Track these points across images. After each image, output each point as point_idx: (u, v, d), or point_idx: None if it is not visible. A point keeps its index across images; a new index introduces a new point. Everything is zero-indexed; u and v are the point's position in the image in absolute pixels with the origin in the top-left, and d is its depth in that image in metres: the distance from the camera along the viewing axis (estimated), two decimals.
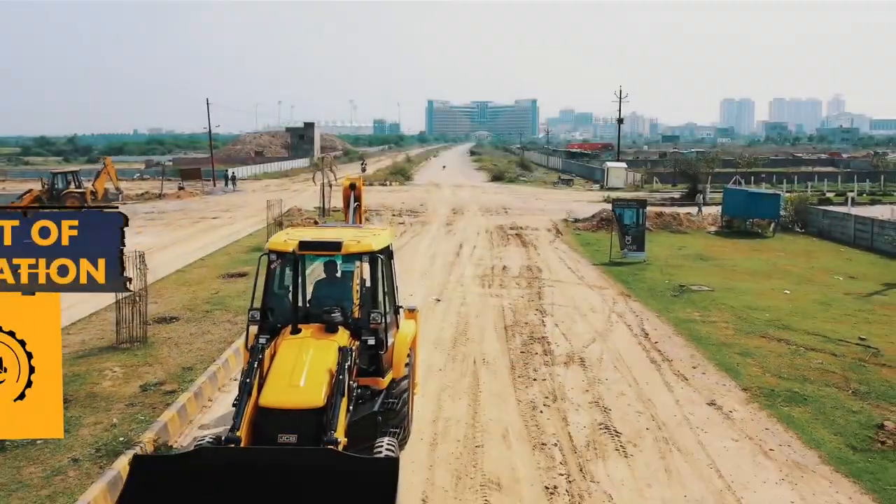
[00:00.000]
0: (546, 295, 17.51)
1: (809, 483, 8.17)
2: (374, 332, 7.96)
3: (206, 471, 5.71)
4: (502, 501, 7.65)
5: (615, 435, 9.38)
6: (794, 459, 8.76)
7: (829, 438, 9.34)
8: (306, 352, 7.24)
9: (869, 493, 7.92)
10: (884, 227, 25.56)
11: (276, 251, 8.18)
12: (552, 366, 12.16)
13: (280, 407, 6.63)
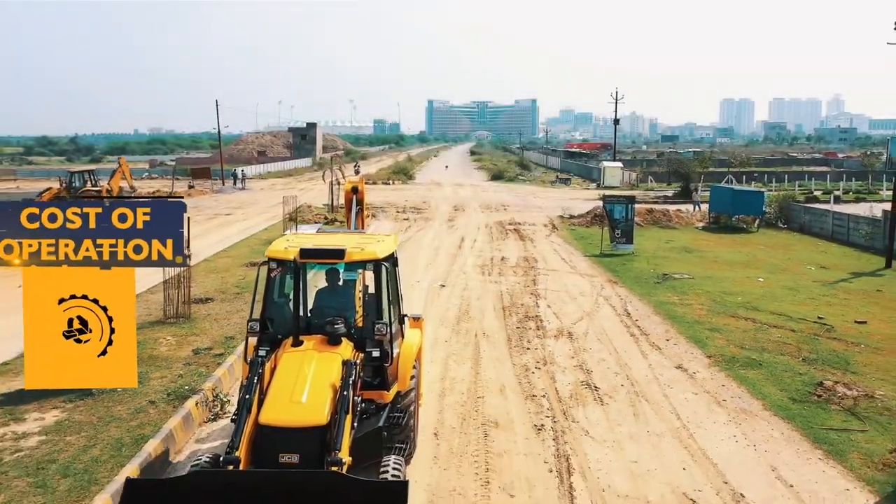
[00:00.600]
0: (540, 282, 19.35)
1: (751, 423, 9.98)
2: (379, 343, 7.66)
3: (202, 495, 5.54)
4: (499, 435, 9.46)
5: (594, 389, 11.20)
6: (741, 407, 10.58)
7: (775, 393, 11.14)
8: (308, 365, 6.96)
9: (798, 430, 9.73)
10: (858, 222, 27.38)
11: (277, 259, 7.91)
12: (544, 338, 13.98)
13: (281, 425, 6.35)
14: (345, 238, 8.66)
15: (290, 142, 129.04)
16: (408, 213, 35.33)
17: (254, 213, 35.79)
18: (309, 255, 7.75)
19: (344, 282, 8.67)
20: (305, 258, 7.72)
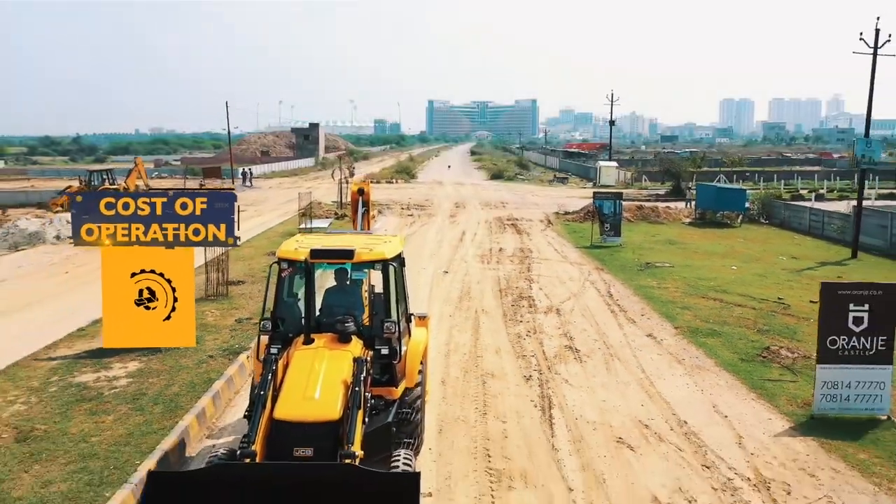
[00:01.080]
0: (534, 269, 21.50)
1: (703, 375, 12.13)
2: (388, 341, 7.89)
3: (223, 487, 5.73)
4: (495, 383, 11.61)
5: (575, 351, 13.35)
6: (697, 364, 12.73)
7: (727, 355, 13.29)
8: (320, 363, 7.17)
9: (740, 380, 11.87)
10: (832, 217, 29.53)
11: (287, 259, 8.09)
12: (535, 314, 16.14)
13: (295, 420, 6.55)
14: (353, 239, 8.96)
15: (293, 142, 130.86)
16: (412, 209, 37.50)
17: (266, 209, 37.95)
18: (319, 256, 7.98)
19: (352, 281, 8.90)
20: (316, 258, 7.96)
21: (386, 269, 8.22)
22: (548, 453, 9.08)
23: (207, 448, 8.67)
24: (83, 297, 17.21)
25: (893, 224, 25.69)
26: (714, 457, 8.99)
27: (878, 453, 9.14)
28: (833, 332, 10.27)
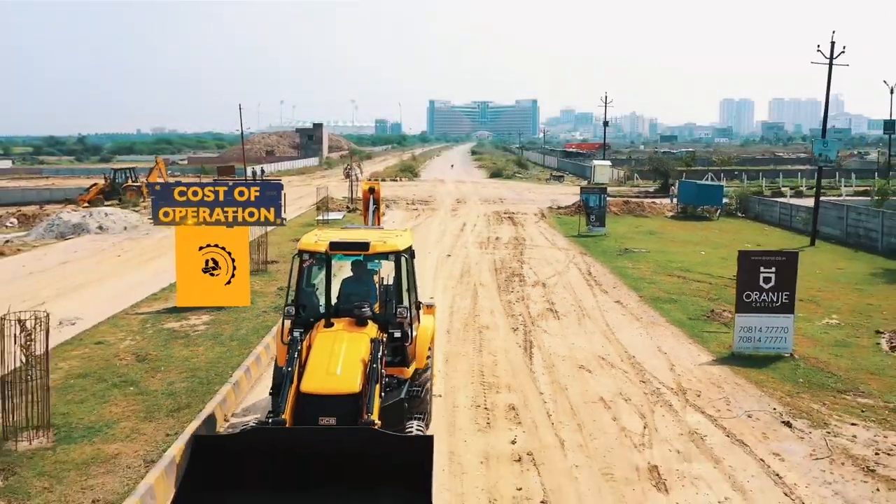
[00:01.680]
0: (526, 253, 24.70)
1: (654, 328, 15.31)
2: (400, 325, 8.59)
3: (260, 448, 6.45)
4: (488, 332, 14.79)
5: (554, 312, 16.54)
6: (652, 321, 15.91)
7: (678, 315, 16.45)
8: (340, 343, 7.87)
9: (684, 331, 15.02)
10: (798, 210, 32.71)
11: (308, 251, 8.86)
12: (524, 287, 19.33)
13: (320, 392, 7.24)
14: (367, 233, 9.78)
15: (296, 142, 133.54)
16: (416, 204, 40.72)
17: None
18: (337, 248, 8.73)
19: (366, 272, 9.62)
20: (334, 250, 8.70)
21: (398, 260, 8.97)
22: (526, 374, 12.27)
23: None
24: (141, 273, 20.48)
25: (849, 216, 28.88)
26: (650, 376, 12.18)
27: (773, 375, 12.31)
28: (748, 289, 13.46)
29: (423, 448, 6.53)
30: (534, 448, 9.32)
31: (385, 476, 6.38)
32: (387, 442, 6.59)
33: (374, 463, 6.41)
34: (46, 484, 7.68)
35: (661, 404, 10.91)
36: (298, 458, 6.39)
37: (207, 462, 6.31)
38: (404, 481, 6.30)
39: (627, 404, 10.88)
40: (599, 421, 10.25)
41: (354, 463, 6.41)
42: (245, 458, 6.38)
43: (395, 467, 6.38)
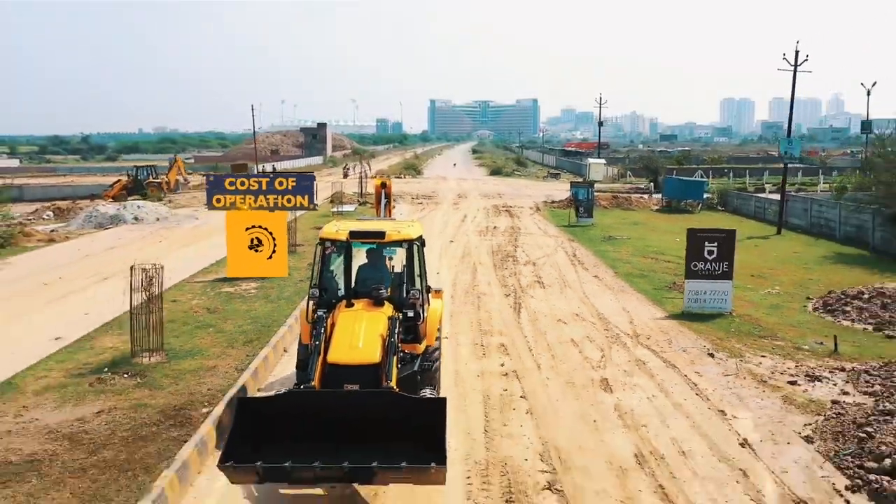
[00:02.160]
0: (520, 240, 27.96)
1: (623, 295, 18.56)
2: (413, 306, 9.52)
3: (298, 409, 7.51)
4: (485, 298, 18.02)
5: (541, 283, 19.80)
6: (622, 290, 19.15)
7: (645, 286, 19.67)
8: (361, 321, 8.72)
9: (647, 297, 18.25)
10: (771, 204, 35.94)
11: (330, 239, 9.80)
12: (516, 265, 22.58)
13: (345, 363, 8.11)
14: (381, 223, 10.78)
15: (300, 141, 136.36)
16: (421, 199, 44.02)
17: None
18: (357, 236, 9.65)
19: (380, 258, 10.49)
20: (354, 238, 9.62)
21: (410, 248, 9.94)
22: (515, 325, 15.53)
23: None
24: (185, 254, 23.76)
25: (812, 208, 32.12)
26: (612, 327, 15.42)
27: (711, 326, 15.54)
28: (694, 259, 16.71)
29: (437, 409, 7.56)
30: (517, 368, 12.57)
31: (403, 434, 7.34)
32: (405, 404, 7.63)
33: (394, 422, 7.41)
34: (171, 381, 10.94)
35: (618, 344, 14.17)
36: (328, 418, 7.47)
37: (251, 420, 7.43)
38: (421, 438, 7.25)
39: (591, 343, 14.15)
40: (568, 353, 13.51)
41: (376, 422, 7.43)
42: (282, 417, 7.49)
43: (412, 426, 7.37)
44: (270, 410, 7.72)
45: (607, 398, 11.21)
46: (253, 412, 7.60)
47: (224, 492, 7.91)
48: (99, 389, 10.62)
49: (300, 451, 7.15)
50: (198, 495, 7.98)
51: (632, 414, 10.52)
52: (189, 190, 52.99)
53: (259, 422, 7.47)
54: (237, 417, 7.53)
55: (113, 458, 8.38)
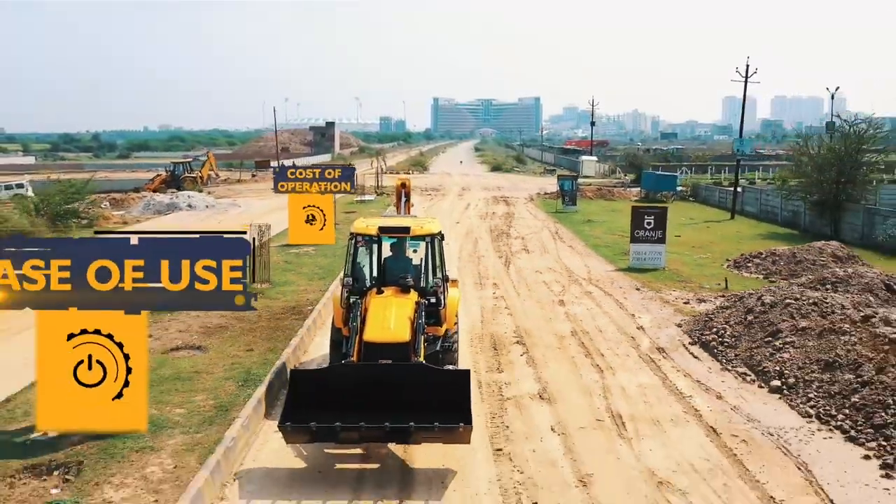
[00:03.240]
0: (513, 222, 34.26)
1: (588, 257, 24.86)
2: (435, 293, 10.77)
3: (343, 379, 8.95)
4: (483, 259, 24.30)
5: (527, 250, 26.12)
6: (588, 255, 25.44)
7: (606, 252, 25.89)
8: (391, 305, 10.02)
9: (606, 259, 24.52)
10: (730, 194, 42.09)
11: (361, 234, 11.13)
12: (509, 239, 28.88)
13: (379, 341, 9.39)
14: (404, 220, 12.08)
15: (307, 139, 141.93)
16: (430, 191, 50.40)
17: None
18: (385, 231, 11.04)
19: (402, 250, 11.57)
20: (383, 233, 11.01)
21: (432, 242, 11.14)
22: (504, 274, 21.81)
23: None
24: None
25: (762, 197, 38.35)
26: (574, 275, 21.69)
27: (646, 276, 21.71)
28: (637, 228, 22.97)
29: (462, 379, 8.82)
30: (503, 295, 18.85)
31: (432, 401, 8.47)
32: (434, 375, 8.86)
33: (424, 391, 8.57)
34: (281, 296, 17.24)
35: (575, 284, 20.45)
36: (368, 387, 8.68)
37: (303, 388, 8.73)
38: (448, 404, 8.44)
39: (557, 283, 20.43)
40: (539, 288, 19.79)
41: (409, 391, 8.61)
42: (329, 387, 8.72)
43: (440, 394, 8.54)
44: (320, 381, 9.01)
45: (560, 309, 17.49)
46: (305, 382, 8.98)
47: (322, 343, 14.07)
48: None
49: (345, 416, 8.40)
50: (314, 345, 14.24)
51: (574, 316, 16.79)
52: (218, 184, 59.31)
53: (310, 391, 8.79)
54: (291, 387, 8.93)
55: (265, 326, 14.66)
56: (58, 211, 30.43)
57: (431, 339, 10.57)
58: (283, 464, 9.06)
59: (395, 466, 9.08)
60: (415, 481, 8.72)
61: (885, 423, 9.91)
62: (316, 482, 8.66)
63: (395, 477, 8.83)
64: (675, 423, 10.57)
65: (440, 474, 8.85)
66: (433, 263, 11.30)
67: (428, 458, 9.18)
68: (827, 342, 12.18)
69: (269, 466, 9.02)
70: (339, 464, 9.08)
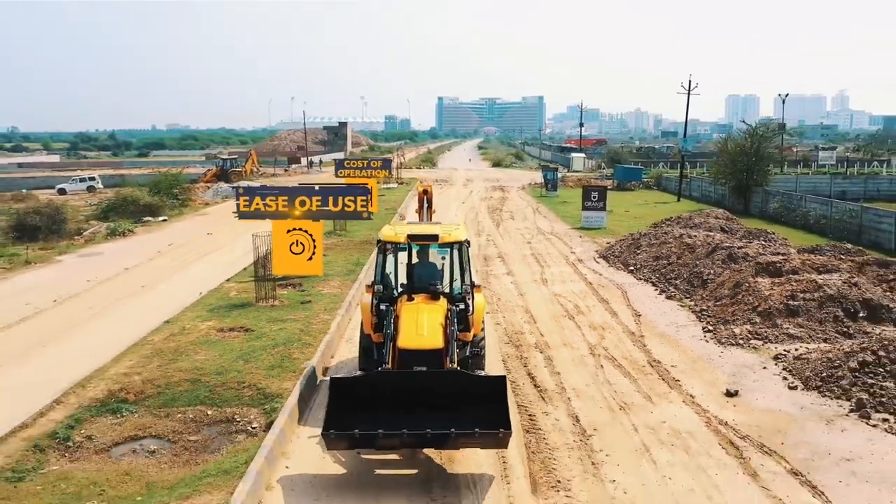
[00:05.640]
0: (505, 203, 45.70)
1: (555, 222, 36.24)
2: (463, 298, 11.25)
3: (382, 386, 9.28)
4: (481, 223, 35.67)
5: (513, 219, 37.58)
6: (556, 221, 36.83)
7: (569, 220, 37.20)
8: (422, 312, 10.43)
9: (568, 224, 35.88)
10: (690, 183, 53.34)
11: (389, 241, 11.54)
12: (501, 213, 40.30)
13: (415, 348, 9.77)
14: (433, 227, 12.48)
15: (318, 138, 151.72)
16: (440, 182, 61.87)
17: None
18: (415, 239, 11.56)
19: (428, 257, 12.13)
20: (412, 240, 11.53)
21: (460, 248, 11.81)
22: (495, 231, 33.24)
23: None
24: None
25: (702, 185, 49.59)
26: (541, 231, 33.11)
27: (590, 231, 33.02)
28: (587, 200, 34.43)
29: (499, 384, 9.37)
30: (493, 240, 30.25)
31: (469, 406, 9.04)
32: (471, 381, 9.51)
33: (461, 396, 9.17)
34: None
35: (540, 235, 31.86)
36: (406, 394, 9.24)
37: (344, 395, 9.23)
38: (484, 410, 8.99)
39: (528, 234, 31.85)
40: (517, 236, 31.18)
41: (446, 397, 9.17)
42: (369, 393, 9.30)
43: (476, 400, 9.11)
44: (359, 388, 9.43)
45: (527, 246, 28.86)
46: (345, 389, 9.34)
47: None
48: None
49: (385, 422, 8.86)
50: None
51: (535, 248, 28.13)
52: (258, 178, 70.71)
53: (351, 396, 9.24)
54: (332, 394, 9.23)
55: (356, 247, 26.00)
56: (168, 193, 41.83)
57: (461, 345, 10.88)
58: (323, 469, 9.62)
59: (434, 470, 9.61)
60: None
61: (671, 279, 21.15)
62: (355, 484, 9.24)
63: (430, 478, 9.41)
64: (572, 281, 21.93)
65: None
66: (462, 269, 11.84)
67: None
68: (658, 248, 23.57)
69: (309, 472, 9.55)
70: (379, 468, 9.62)
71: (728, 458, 10.05)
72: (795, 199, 37.09)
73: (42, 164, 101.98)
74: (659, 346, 15.30)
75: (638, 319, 17.47)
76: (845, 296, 16.11)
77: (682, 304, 18.82)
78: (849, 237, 29.75)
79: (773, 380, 13.14)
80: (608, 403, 12.13)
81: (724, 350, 14.88)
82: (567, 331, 16.57)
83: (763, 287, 17.13)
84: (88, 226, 35.09)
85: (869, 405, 11.60)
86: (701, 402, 12.15)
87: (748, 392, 12.54)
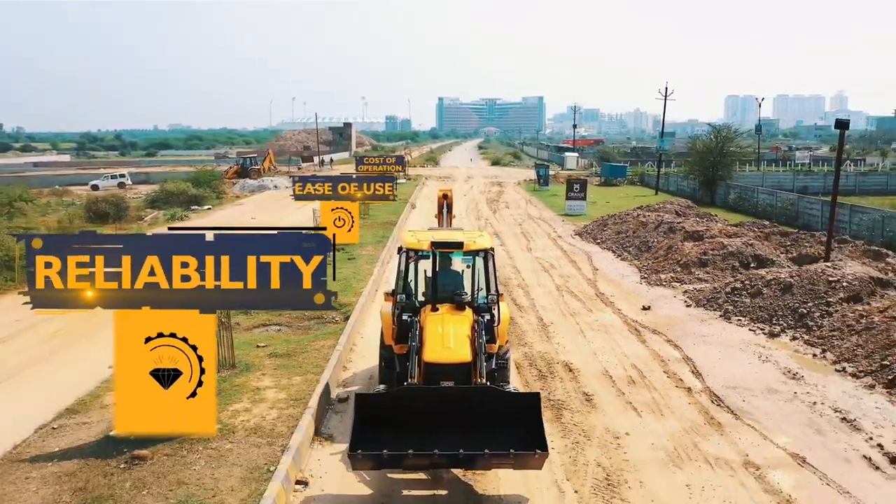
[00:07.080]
0: (502, 196, 52.28)
1: (543, 210, 42.81)
2: (489, 309, 10.94)
3: (409, 403, 8.94)
4: (480, 211, 42.20)
5: (508, 208, 44.15)
6: (545, 209, 43.39)
7: (556, 208, 43.73)
8: (448, 324, 10.11)
9: (555, 212, 42.42)
10: (668, 179, 59.83)
11: (412, 249, 11.25)
12: (497, 203, 46.88)
13: (441, 362, 9.43)
14: (457, 234, 11.93)
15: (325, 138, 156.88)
16: (443, 179, 68.42)
17: None
18: (439, 246, 11.08)
19: (450, 265, 11.93)
20: (436, 248, 11.08)
21: (486, 257, 11.50)
22: (492, 216, 39.80)
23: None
24: None
25: (677, 180, 56.10)
26: (531, 216, 39.67)
27: (572, 217, 39.49)
28: (570, 190, 41.03)
29: (533, 402, 8.96)
30: (489, 223, 36.78)
31: (500, 424, 8.79)
32: (502, 397, 9.17)
33: (492, 414, 8.90)
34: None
35: (530, 219, 38.46)
36: (434, 410, 8.89)
37: (370, 412, 8.89)
38: (516, 428, 8.72)
39: (519, 218, 38.42)
40: (510, 220, 37.75)
41: (476, 414, 8.87)
42: (395, 410, 8.95)
43: (508, 417, 8.87)
44: (385, 405, 9.10)
45: (518, 227, 35.39)
46: (370, 407, 9.00)
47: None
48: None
49: (413, 441, 8.51)
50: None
51: (525, 228, 34.70)
52: (275, 175, 77.13)
53: (378, 412, 8.91)
54: (357, 412, 8.87)
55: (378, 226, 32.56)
56: (209, 186, 48.39)
57: (486, 358, 10.38)
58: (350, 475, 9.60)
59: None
60: None
61: (626, 247, 27.63)
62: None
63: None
64: (550, 250, 28.44)
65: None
66: (487, 278, 11.51)
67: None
68: (620, 226, 30.14)
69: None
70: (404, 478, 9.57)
71: (630, 335, 16.57)
72: (749, 191, 43.63)
73: (56, 164, 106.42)
74: (606, 286, 21.82)
75: (595, 272, 23.98)
76: (742, 252, 22.62)
77: (631, 264, 25.33)
78: (787, 221, 36.26)
79: (677, 302, 19.66)
80: (562, 312, 18.67)
81: (651, 288, 21.39)
82: (541, 277, 23.11)
83: (686, 248, 23.66)
84: (145, 213, 41.47)
85: (731, 313, 18.09)
86: (624, 312, 18.64)
87: (657, 308, 19.05)
